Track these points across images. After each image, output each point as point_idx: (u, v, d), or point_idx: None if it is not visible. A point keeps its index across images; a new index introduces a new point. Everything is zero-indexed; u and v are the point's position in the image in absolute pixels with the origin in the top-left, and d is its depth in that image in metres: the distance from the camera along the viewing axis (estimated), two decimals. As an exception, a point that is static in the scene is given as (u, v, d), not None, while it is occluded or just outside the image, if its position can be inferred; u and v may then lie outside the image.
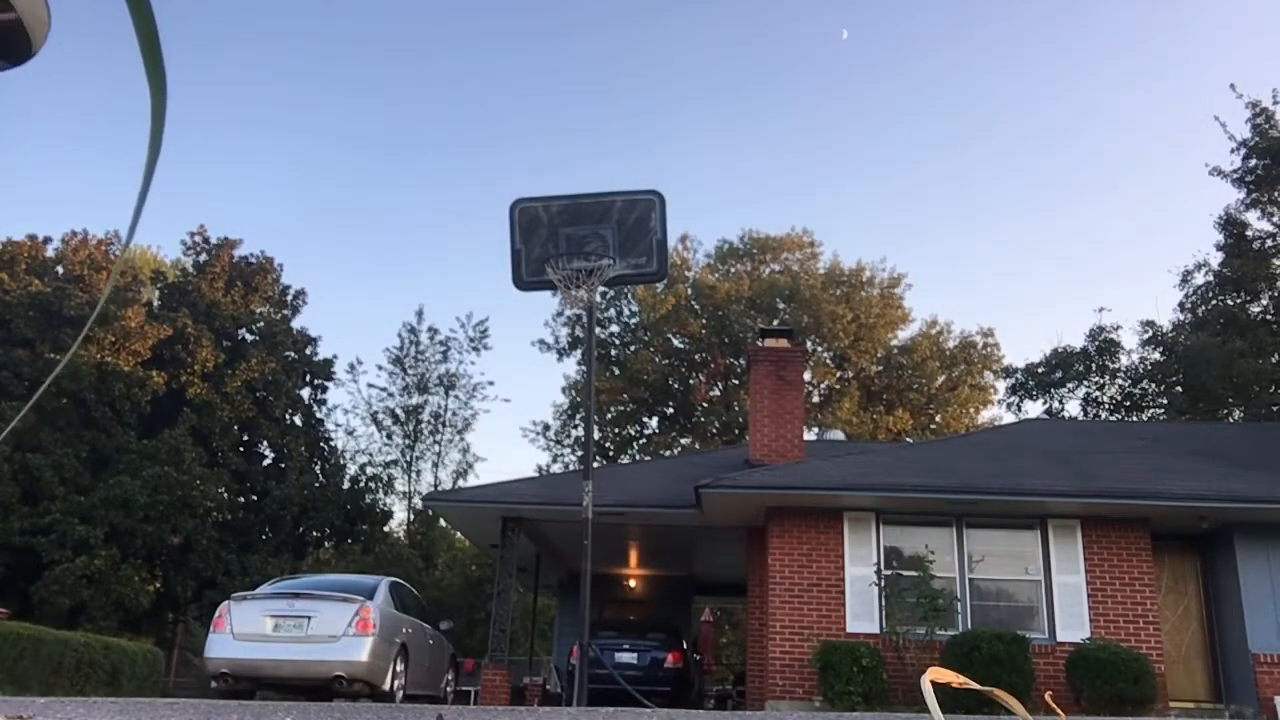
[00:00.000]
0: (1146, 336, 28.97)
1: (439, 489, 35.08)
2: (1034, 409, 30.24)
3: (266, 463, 29.19)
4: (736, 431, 33.30)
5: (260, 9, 58.33)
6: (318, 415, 31.22)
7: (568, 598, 17.95)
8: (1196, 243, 61.27)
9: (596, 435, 35.95)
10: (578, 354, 36.99)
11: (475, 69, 58.22)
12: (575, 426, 37.15)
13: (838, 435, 24.13)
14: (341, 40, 56.45)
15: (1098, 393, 29.77)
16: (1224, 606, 12.78)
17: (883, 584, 12.39)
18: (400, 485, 36.97)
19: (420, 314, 45.37)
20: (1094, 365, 29.62)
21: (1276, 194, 25.61)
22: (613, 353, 38.15)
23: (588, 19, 57.02)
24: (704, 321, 37.13)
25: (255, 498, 27.92)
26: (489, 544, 16.67)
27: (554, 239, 9.58)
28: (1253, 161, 25.59)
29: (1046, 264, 60.01)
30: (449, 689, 13.93)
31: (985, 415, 36.90)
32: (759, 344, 16.84)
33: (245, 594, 11.42)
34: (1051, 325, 62.41)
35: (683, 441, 37.45)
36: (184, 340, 26.86)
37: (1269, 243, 26.32)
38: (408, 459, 37.51)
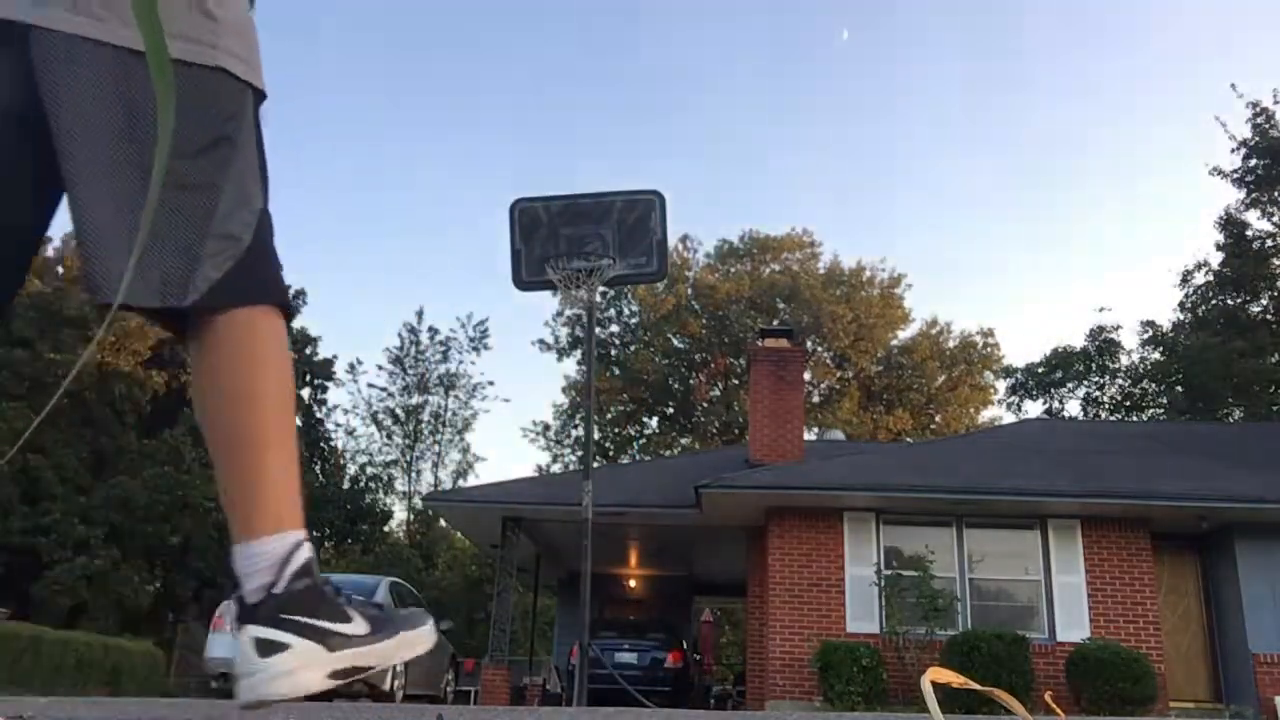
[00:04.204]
0: (1146, 336, 29.00)
1: (439, 489, 35.09)
2: (1034, 409, 30.28)
3: (267, 463, 29.17)
4: (736, 431, 33.31)
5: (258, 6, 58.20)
6: (318, 415, 31.26)
7: (568, 598, 17.94)
8: (1196, 243, 61.27)
9: (596, 435, 35.97)
10: (578, 354, 37.00)
11: (476, 69, 58.27)
12: (575, 426, 37.16)
13: (838, 435, 24.13)
14: (340, 39, 56.51)
15: (1098, 393, 29.80)
16: (1224, 607, 12.78)
17: (883, 584, 12.39)
18: (400, 485, 37.03)
19: (420, 314, 45.25)
20: (1094, 365, 29.64)
21: (1276, 194, 25.64)
22: (613, 353, 38.17)
23: (588, 17, 57.08)
24: (704, 321, 37.15)
25: (255, 498, 27.90)
26: (489, 544, 16.65)
27: (554, 239, 9.58)
28: (1253, 161, 25.63)
29: (1046, 264, 60.02)
30: (449, 689, 13.94)
31: (985, 415, 36.93)
32: (759, 344, 16.84)
33: (245, 594, 11.40)
34: (1051, 325, 62.35)
35: (683, 441, 37.48)
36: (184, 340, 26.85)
37: (1269, 243, 26.34)
38: (408, 459, 37.56)
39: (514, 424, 75.30)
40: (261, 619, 1.22)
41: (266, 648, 1.21)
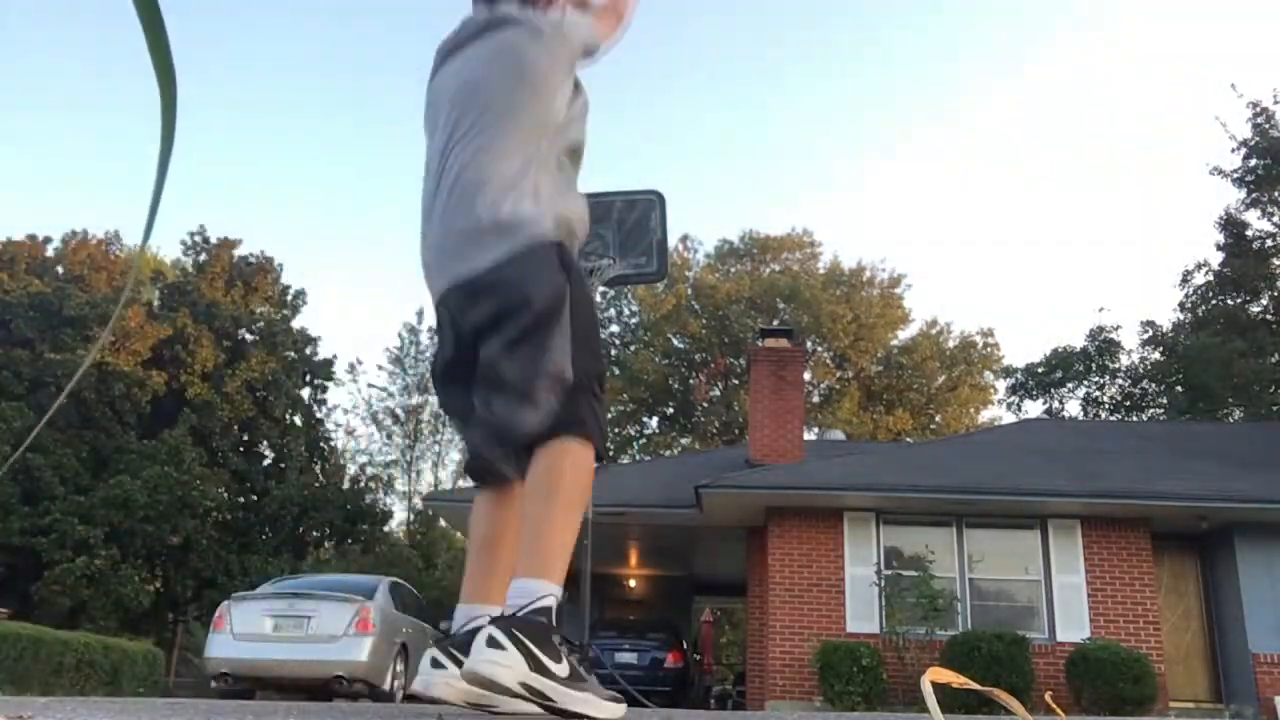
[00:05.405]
0: (1146, 336, 28.99)
1: (439, 489, 35.09)
2: (1034, 409, 30.27)
3: (266, 463, 29.17)
4: (736, 431, 33.31)
5: (261, 3, 58.26)
6: (318, 415, 31.22)
7: (568, 598, 17.93)
8: (1196, 243, 61.19)
9: (596, 435, 35.85)
10: (578, 354, 36.93)
11: (475, 69, 58.03)
12: (575, 426, 37.08)
13: (838, 435, 24.14)
14: (342, 38, 56.47)
15: (1098, 393, 29.78)
16: (1224, 606, 12.79)
17: (883, 584, 12.39)
18: (400, 485, 37.02)
19: (420, 314, 45.14)
20: (1094, 365, 29.63)
21: (1276, 194, 25.63)
22: (613, 353, 38.15)
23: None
24: (704, 321, 37.14)
25: (255, 498, 27.90)
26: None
27: (554, 239, 9.57)
28: (1253, 161, 25.62)
29: (1046, 264, 59.98)
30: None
31: (985, 415, 36.91)
32: (759, 344, 16.85)
33: (245, 594, 11.43)
34: (1051, 325, 62.30)
35: (683, 441, 37.46)
36: (184, 340, 26.85)
37: (1269, 243, 26.34)
38: (408, 459, 37.57)
39: (514, 424, 75.02)
40: (499, 625, 1.73)
41: (492, 642, 1.70)
